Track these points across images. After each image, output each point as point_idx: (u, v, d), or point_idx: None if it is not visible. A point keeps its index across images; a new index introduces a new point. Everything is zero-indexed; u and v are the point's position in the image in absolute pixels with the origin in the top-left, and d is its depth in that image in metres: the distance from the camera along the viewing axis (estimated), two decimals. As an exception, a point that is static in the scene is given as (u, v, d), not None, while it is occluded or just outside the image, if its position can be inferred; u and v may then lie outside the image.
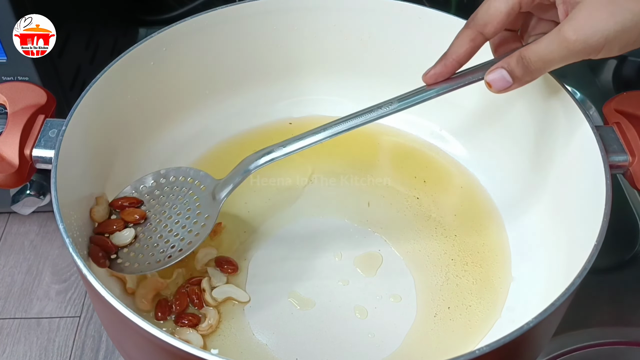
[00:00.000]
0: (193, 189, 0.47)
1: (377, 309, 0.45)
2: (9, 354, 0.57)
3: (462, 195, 0.53)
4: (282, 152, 0.43)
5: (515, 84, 0.38)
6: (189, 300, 0.44)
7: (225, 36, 0.52)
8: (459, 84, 0.42)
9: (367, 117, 0.43)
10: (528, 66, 0.37)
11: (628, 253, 0.59)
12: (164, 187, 0.47)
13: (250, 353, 0.43)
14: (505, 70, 0.38)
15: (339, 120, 0.43)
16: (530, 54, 0.37)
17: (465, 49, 0.41)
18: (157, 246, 0.44)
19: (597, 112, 0.67)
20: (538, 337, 0.38)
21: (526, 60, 0.37)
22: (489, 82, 0.39)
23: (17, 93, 0.42)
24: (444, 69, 0.41)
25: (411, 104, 0.42)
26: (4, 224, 0.68)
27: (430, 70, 0.42)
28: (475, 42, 0.41)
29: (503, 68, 0.38)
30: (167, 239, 0.44)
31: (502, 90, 0.39)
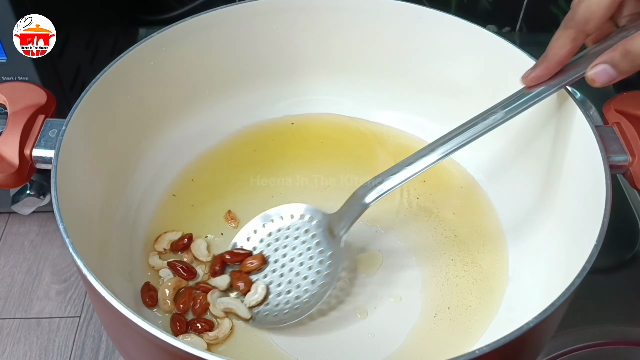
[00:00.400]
0: (306, 225, 0.45)
1: (377, 309, 0.45)
2: (9, 354, 0.57)
3: (462, 195, 0.53)
4: (395, 181, 0.42)
5: (619, 77, 0.38)
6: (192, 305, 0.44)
7: (225, 36, 0.52)
8: (561, 83, 0.41)
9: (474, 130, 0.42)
10: (635, 59, 0.37)
11: (628, 253, 0.59)
12: (275, 229, 0.46)
13: (250, 352, 0.43)
14: (609, 64, 0.38)
15: (445, 139, 0.42)
16: (637, 46, 0.36)
17: (567, 50, 0.40)
18: (290, 292, 0.43)
19: (597, 112, 0.67)
20: (538, 337, 0.38)
21: (633, 54, 0.37)
22: (593, 78, 0.38)
23: (17, 93, 0.42)
24: (545, 71, 0.41)
25: (519, 110, 0.42)
26: (4, 224, 0.68)
27: (530, 72, 0.42)
28: (576, 41, 0.40)
29: (606, 63, 0.38)
30: (298, 283, 0.43)
31: (606, 84, 0.38)
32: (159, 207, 0.51)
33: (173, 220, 0.50)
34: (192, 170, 0.54)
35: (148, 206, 0.51)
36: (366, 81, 0.57)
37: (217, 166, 0.54)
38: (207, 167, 0.54)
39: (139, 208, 0.50)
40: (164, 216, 0.50)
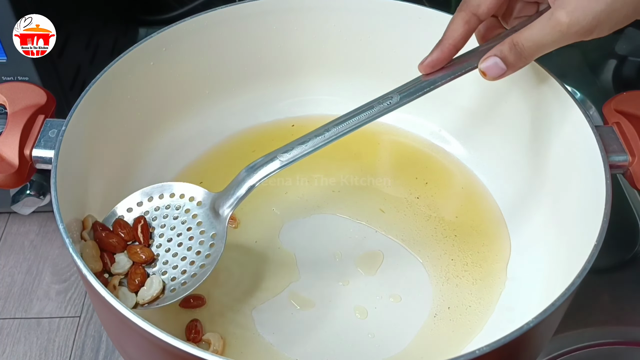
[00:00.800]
0: (188, 205, 0.43)
1: (377, 309, 0.45)
2: (9, 354, 0.57)
3: (462, 195, 0.53)
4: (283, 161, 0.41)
5: (509, 71, 0.39)
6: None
7: (225, 36, 0.52)
8: (455, 73, 0.42)
9: (369, 113, 0.42)
10: (522, 52, 0.38)
11: (628, 253, 0.59)
12: (154, 208, 0.43)
13: (250, 353, 0.43)
14: (499, 57, 0.38)
15: (340, 120, 0.42)
16: (523, 40, 0.37)
17: (460, 33, 0.41)
18: (166, 274, 0.41)
19: (597, 112, 0.67)
20: (538, 337, 0.38)
21: (519, 47, 0.37)
22: (483, 70, 0.39)
23: (17, 93, 0.42)
24: (440, 54, 0.42)
25: (413, 97, 0.42)
26: (4, 224, 0.68)
27: (426, 58, 0.42)
28: (469, 24, 0.41)
29: (496, 56, 0.38)
30: (175, 264, 0.41)
31: (497, 78, 0.39)
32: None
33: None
34: (192, 170, 0.54)
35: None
36: (366, 81, 0.57)
37: (217, 166, 0.54)
38: (207, 167, 0.54)
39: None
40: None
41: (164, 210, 0.43)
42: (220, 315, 0.45)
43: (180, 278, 0.41)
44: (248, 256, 0.49)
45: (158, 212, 0.43)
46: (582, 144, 0.42)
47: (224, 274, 0.47)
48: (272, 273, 0.47)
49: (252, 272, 0.48)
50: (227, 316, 0.45)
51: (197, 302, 0.45)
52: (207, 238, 0.42)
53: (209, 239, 0.42)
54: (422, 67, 0.42)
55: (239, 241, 0.49)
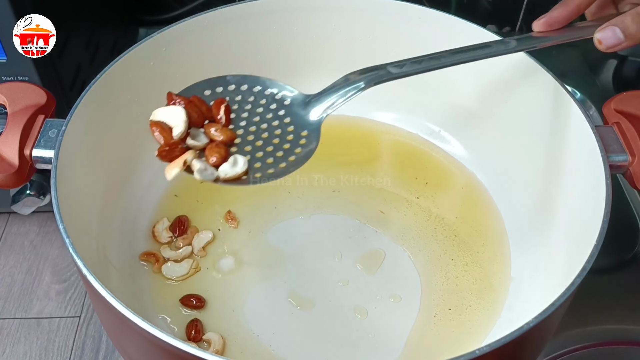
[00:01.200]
0: (275, 102, 0.40)
1: (377, 309, 0.45)
2: (9, 354, 0.57)
3: (462, 195, 0.53)
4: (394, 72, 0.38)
5: (627, 41, 0.38)
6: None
7: (225, 36, 0.52)
8: (568, 37, 0.41)
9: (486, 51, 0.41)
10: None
11: (628, 253, 0.59)
12: (235, 97, 0.40)
13: (250, 353, 0.43)
14: (619, 27, 0.38)
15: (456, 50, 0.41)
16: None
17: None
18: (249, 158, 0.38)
19: (597, 112, 0.67)
20: (538, 337, 0.38)
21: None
22: (599, 39, 0.39)
23: (17, 93, 0.42)
24: (562, 12, 0.41)
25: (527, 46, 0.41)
26: (4, 224, 0.68)
27: (544, 16, 0.42)
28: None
29: (616, 25, 0.38)
30: (260, 151, 0.38)
31: (612, 48, 0.39)
32: (159, 207, 0.51)
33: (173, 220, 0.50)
34: (192, 170, 0.54)
35: (148, 206, 0.51)
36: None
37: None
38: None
39: (139, 208, 0.50)
40: (164, 216, 0.50)
41: (246, 101, 0.40)
42: (221, 315, 0.45)
43: (265, 166, 0.38)
44: (248, 256, 0.49)
45: (239, 100, 0.40)
46: (582, 144, 0.42)
47: (224, 274, 0.47)
48: (272, 273, 0.47)
49: (252, 271, 0.48)
50: (228, 316, 0.45)
51: (197, 302, 0.45)
52: (296, 135, 0.39)
53: (299, 136, 0.39)
54: (538, 23, 0.42)
55: (239, 241, 0.49)
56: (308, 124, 0.39)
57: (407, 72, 0.39)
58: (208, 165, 0.37)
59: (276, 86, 0.41)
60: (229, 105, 0.40)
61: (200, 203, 0.52)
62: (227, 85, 0.41)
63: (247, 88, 0.41)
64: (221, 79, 0.41)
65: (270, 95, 0.41)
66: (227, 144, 0.38)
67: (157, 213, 0.51)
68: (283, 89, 0.41)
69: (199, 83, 0.41)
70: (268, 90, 0.41)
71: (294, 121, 0.39)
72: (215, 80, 0.41)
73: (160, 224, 0.50)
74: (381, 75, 0.39)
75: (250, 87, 0.41)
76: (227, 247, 0.49)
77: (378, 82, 0.39)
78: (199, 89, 0.40)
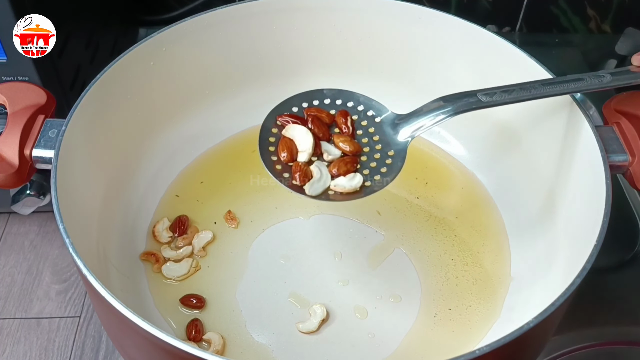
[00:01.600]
0: (366, 119, 0.42)
1: (377, 309, 0.45)
2: (9, 354, 0.57)
3: (462, 195, 0.53)
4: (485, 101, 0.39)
5: None
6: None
7: (225, 36, 0.52)
8: None
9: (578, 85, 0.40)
10: None
11: (628, 253, 0.59)
12: (332, 110, 0.42)
13: (250, 353, 0.43)
14: None
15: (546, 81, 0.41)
16: None
17: None
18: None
19: (597, 112, 0.67)
20: (538, 337, 0.38)
21: None
22: None
23: (17, 93, 0.42)
24: None
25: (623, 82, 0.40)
26: (4, 224, 0.68)
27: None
28: None
29: None
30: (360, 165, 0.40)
31: None
32: (159, 207, 0.51)
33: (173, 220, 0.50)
34: (193, 170, 0.54)
35: (148, 206, 0.51)
36: (366, 81, 0.57)
37: (218, 166, 0.54)
38: (207, 167, 0.54)
39: (139, 208, 0.50)
40: (164, 216, 0.50)
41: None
42: (221, 315, 0.45)
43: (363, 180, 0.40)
44: (248, 256, 0.49)
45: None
46: (582, 144, 0.42)
47: (225, 274, 0.47)
48: (272, 273, 0.47)
49: (252, 271, 0.48)
50: (228, 316, 0.45)
51: (197, 302, 0.45)
52: (383, 154, 0.41)
53: (386, 155, 0.41)
54: (638, 58, 0.42)
55: (239, 241, 0.49)
56: (395, 143, 0.41)
57: (496, 102, 0.40)
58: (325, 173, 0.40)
59: (369, 103, 0.43)
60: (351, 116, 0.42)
61: (200, 203, 0.52)
62: (324, 98, 0.43)
63: (342, 102, 0.43)
64: (318, 92, 0.43)
65: (362, 111, 0.42)
66: (355, 155, 0.41)
67: (157, 213, 0.51)
68: (376, 106, 0.42)
69: (297, 95, 0.43)
70: (360, 107, 0.43)
71: (382, 140, 0.41)
72: (312, 93, 0.43)
73: (160, 223, 0.50)
74: (471, 103, 0.39)
75: (345, 102, 0.43)
76: (227, 247, 0.49)
77: (467, 110, 0.39)
78: (298, 100, 0.43)
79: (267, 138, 0.42)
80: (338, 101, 0.43)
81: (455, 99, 0.40)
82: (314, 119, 0.42)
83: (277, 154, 0.41)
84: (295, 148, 0.41)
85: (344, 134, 0.42)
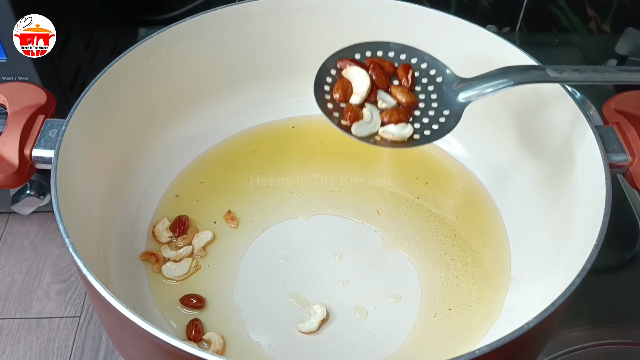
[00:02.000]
0: (427, 77, 0.42)
1: (377, 309, 0.45)
2: (9, 354, 0.57)
3: (462, 195, 0.53)
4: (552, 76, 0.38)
5: None
6: None
7: (225, 36, 0.52)
8: None
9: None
10: None
11: (628, 253, 0.59)
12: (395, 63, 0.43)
13: (250, 353, 0.43)
14: None
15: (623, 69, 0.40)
16: None
17: None
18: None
19: (597, 112, 0.67)
20: (538, 337, 0.38)
21: None
22: None
23: (17, 93, 0.42)
24: None
25: None
26: (4, 224, 0.68)
27: None
28: None
29: None
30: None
31: None
32: (159, 207, 0.51)
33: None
34: (193, 170, 0.54)
35: (148, 206, 0.51)
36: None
37: (217, 167, 0.54)
38: (207, 167, 0.54)
39: (139, 208, 0.50)
40: (164, 216, 0.50)
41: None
42: (221, 315, 0.45)
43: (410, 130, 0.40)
44: (248, 256, 0.49)
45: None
46: (582, 144, 0.42)
47: (225, 274, 0.47)
48: (272, 273, 0.47)
49: (252, 271, 0.48)
50: (228, 316, 0.45)
51: (197, 302, 0.45)
52: (437, 112, 0.41)
53: (440, 114, 0.41)
54: None
55: (239, 241, 0.49)
56: (453, 104, 0.41)
57: (565, 79, 0.39)
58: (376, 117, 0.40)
59: (434, 62, 0.43)
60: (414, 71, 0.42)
61: (200, 203, 0.52)
62: (389, 51, 0.43)
63: (406, 57, 0.43)
64: (384, 44, 0.43)
65: (425, 69, 0.43)
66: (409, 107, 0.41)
67: (157, 213, 0.51)
68: (439, 67, 0.43)
69: (363, 43, 0.43)
70: (424, 65, 0.43)
71: (439, 98, 0.41)
72: (378, 44, 0.43)
73: (160, 223, 0.50)
74: (538, 75, 0.39)
75: (409, 57, 0.43)
76: (227, 247, 0.49)
77: (533, 82, 0.39)
78: (362, 48, 0.43)
79: (324, 77, 0.42)
80: (402, 55, 0.43)
81: (522, 70, 0.39)
82: (375, 65, 0.42)
83: (331, 94, 0.41)
84: (351, 89, 0.41)
85: (402, 86, 0.42)
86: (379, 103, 0.41)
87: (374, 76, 0.42)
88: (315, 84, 0.41)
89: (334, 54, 0.43)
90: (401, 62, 0.43)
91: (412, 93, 0.42)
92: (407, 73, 0.42)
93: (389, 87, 0.42)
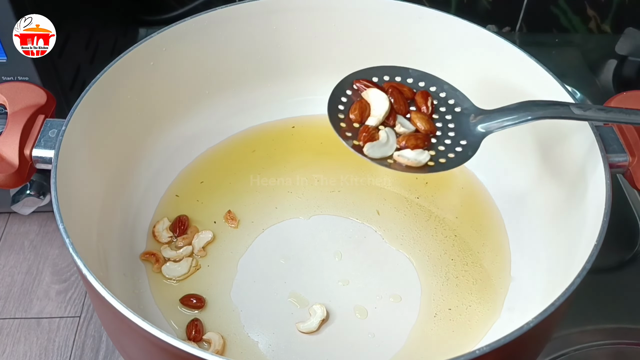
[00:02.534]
0: (445, 106, 0.42)
1: (377, 309, 0.45)
2: (9, 354, 0.57)
3: (462, 195, 0.53)
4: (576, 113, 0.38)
5: None
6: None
7: (225, 36, 0.52)
8: None
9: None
10: None
11: (628, 253, 0.59)
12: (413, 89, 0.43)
13: (251, 353, 0.43)
14: None
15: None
16: None
17: None
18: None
19: (597, 112, 0.67)
20: (538, 337, 0.38)
21: None
22: None
23: (17, 93, 0.42)
24: None
25: None
26: (4, 224, 0.68)
27: None
28: None
29: None
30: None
31: None
32: (159, 207, 0.51)
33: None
34: (192, 170, 0.54)
35: (148, 206, 0.51)
36: (366, 81, 0.57)
37: (217, 167, 0.54)
38: (207, 167, 0.54)
39: (139, 208, 0.50)
40: (164, 216, 0.50)
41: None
42: (221, 315, 0.45)
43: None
44: (248, 256, 0.49)
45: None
46: (582, 144, 0.42)
47: (225, 274, 0.47)
48: (272, 273, 0.47)
49: (252, 271, 0.48)
50: (228, 316, 0.45)
51: (197, 302, 0.45)
52: (454, 141, 0.41)
53: (457, 143, 0.41)
54: None
55: (239, 241, 0.49)
56: (470, 134, 0.41)
57: (589, 117, 0.39)
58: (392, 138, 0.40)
59: (453, 92, 0.43)
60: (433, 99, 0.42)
61: (200, 203, 0.52)
62: (408, 77, 0.43)
63: (425, 85, 0.43)
64: (403, 70, 0.43)
65: (443, 98, 0.43)
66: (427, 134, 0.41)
67: (157, 213, 0.51)
68: (459, 96, 0.43)
69: (381, 67, 0.43)
70: (443, 94, 0.43)
71: (457, 128, 0.41)
72: (397, 69, 0.43)
73: (160, 223, 0.50)
74: (561, 111, 0.39)
75: (428, 85, 0.43)
76: (227, 247, 0.49)
77: (555, 117, 0.39)
78: (381, 72, 0.43)
79: (339, 96, 0.42)
80: (421, 83, 0.43)
81: (545, 105, 0.39)
82: (394, 90, 0.42)
83: (347, 114, 0.41)
84: (368, 111, 0.41)
85: (422, 112, 0.42)
86: (396, 127, 0.41)
87: (393, 100, 0.42)
88: (330, 102, 0.41)
89: (351, 74, 0.43)
90: (420, 89, 0.43)
91: (431, 121, 0.42)
92: (427, 100, 0.42)
93: (407, 112, 0.42)
